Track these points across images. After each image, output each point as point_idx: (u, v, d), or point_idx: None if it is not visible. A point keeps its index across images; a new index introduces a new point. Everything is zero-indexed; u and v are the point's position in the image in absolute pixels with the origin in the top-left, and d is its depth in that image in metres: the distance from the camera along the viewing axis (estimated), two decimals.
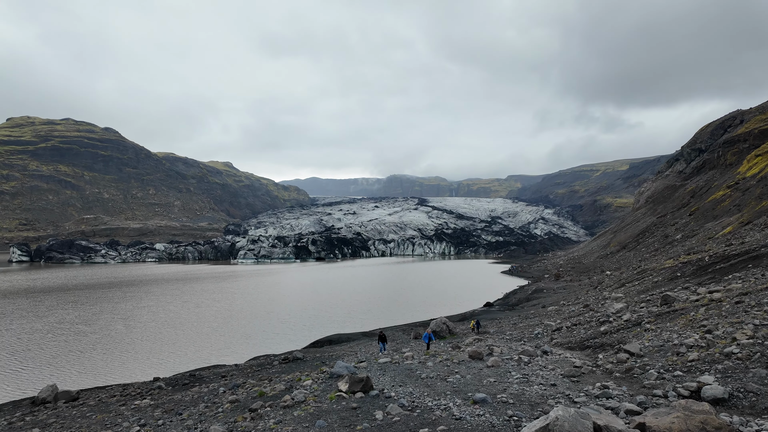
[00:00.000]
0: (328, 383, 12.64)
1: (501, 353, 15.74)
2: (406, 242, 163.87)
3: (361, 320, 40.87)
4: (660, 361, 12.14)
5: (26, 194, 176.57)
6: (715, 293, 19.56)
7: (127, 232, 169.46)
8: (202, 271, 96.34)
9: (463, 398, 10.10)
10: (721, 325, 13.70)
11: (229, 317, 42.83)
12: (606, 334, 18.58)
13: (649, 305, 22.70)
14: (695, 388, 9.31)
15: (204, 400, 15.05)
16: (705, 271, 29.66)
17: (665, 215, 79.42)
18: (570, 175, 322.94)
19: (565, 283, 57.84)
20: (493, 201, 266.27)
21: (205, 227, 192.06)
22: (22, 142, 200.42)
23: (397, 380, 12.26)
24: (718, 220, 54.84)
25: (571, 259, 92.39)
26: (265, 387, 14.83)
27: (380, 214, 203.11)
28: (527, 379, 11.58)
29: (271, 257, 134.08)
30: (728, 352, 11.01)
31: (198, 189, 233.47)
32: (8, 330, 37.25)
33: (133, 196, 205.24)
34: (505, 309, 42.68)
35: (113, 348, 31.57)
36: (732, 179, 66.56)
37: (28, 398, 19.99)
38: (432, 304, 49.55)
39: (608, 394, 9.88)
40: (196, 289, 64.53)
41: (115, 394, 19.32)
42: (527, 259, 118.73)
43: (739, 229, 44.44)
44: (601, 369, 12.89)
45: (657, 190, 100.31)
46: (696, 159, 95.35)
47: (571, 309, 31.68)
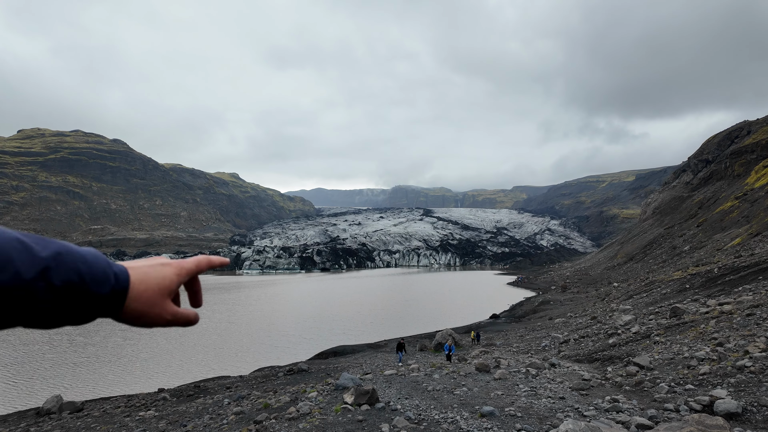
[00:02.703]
0: (334, 395, 12.52)
1: (508, 366, 15.57)
2: (412, 253, 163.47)
3: (366, 332, 40.64)
4: (671, 374, 11.94)
5: (35, 205, 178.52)
6: (726, 305, 19.29)
7: (134, 242, 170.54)
8: (206, 282, 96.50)
9: (471, 411, 9.96)
10: (733, 338, 13.49)
11: (234, 328, 42.74)
12: (614, 346, 18.34)
13: (658, 317, 22.41)
14: (708, 402, 9.13)
15: (209, 412, 14.95)
16: (714, 283, 29.30)
17: (673, 226, 78.80)
18: (576, 186, 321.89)
19: (572, 294, 57.33)
20: (498, 212, 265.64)
21: (211, 238, 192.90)
22: (32, 153, 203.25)
23: (403, 392, 12.13)
24: (727, 232, 54.31)
25: (578, 271, 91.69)
26: (270, 399, 14.72)
27: (385, 225, 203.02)
28: (535, 392, 11.42)
29: (276, 268, 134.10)
30: (741, 366, 10.81)
31: (204, 200, 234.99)
32: (12, 340, 37.36)
33: (140, 206, 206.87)
34: (512, 321, 42.31)
35: (118, 359, 31.54)
36: (740, 190, 66.05)
37: (33, 409, 19.96)
38: (437, 316, 49.21)
39: (618, 408, 9.71)
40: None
41: (119, 405, 19.25)
42: (533, 271, 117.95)
43: (748, 240, 43.96)
44: (610, 382, 12.70)
45: (664, 201, 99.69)
46: (703, 170, 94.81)
47: (579, 321, 31.35)
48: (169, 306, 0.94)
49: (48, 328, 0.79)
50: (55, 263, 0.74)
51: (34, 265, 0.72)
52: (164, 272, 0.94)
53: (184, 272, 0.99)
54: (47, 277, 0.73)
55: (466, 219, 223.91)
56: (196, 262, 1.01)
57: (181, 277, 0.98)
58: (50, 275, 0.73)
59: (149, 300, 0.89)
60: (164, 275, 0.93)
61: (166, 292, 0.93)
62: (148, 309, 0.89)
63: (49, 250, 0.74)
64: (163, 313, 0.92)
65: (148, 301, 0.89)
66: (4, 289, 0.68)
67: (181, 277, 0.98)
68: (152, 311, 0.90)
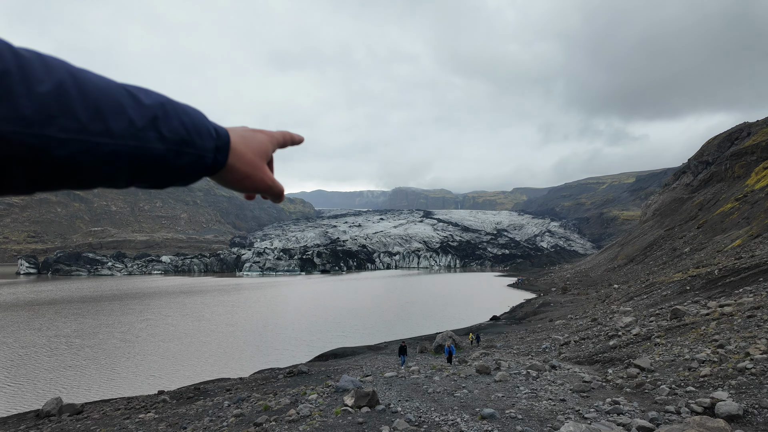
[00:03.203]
0: (334, 397, 12.50)
1: (509, 367, 15.53)
2: (412, 255, 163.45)
3: (366, 334, 40.59)
4: (671, 376, 11.92)
5: (35, 207, 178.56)
6: (726, 307, 19.26)
7: (134, 244, 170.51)
8: (207, 284, 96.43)
9: (471, 413, 9.94)
10: (734, 340, 13.46)
11: (234, 330, 42.70)
12: (615, 348, 18.31)
13: (658, 319, 22.38)
14: (709, 404, 9.10)
15: (208, 414, 14.92)
16: (715, 284, 29.28)
17: (673, 228, 78.78)
18: (576, 188, 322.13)
19: (572, 296, 57.29)
20: (498, 214, 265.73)
21: (211, 240, 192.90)
22: None
23: (403, 395, 12.10)
24: (727, 233, 54.30)
25: (578, 272, 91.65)
26: (270, 401, 14.69)
27: (385, 227, 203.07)
28: (536, 394, 11.40)
29: (276, 270, 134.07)
30: (742, 368, 10.79)
31: (205, 202, 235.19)
32: (12, 342, 37.33)
33: (140, 208, 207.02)
34: (512, 323, 42.27)
35: (118, 361, 31.51)
36: (740, 192, 66.06)
37: (33, 411, 19.92)
38: (437, 318, 49.17)
39: (619, 410, 9.68)
40: (201, 302, 64.53)
41: (119, 407, 19.21)
42: (534, 272, 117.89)
43: (749, 242, 43.95)
44: (611, 384, 12.67)
45: (664, 202, 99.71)
46: (703, 171, 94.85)
47: (579, 323, 31.32)
48: (268, 171, 0.89)
49: (154, 187, 0.77)
50: (162, 112, 0.70)
51: (144, 113, 0.67)
52: (260, 137, 0.89)
53: (275, 141, 0.94)
54: (157, 127, 0.69)
55: (466, 221, 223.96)
56: (282, 134, 0.98)
57: (274, 145, 0.93)
58: (159, 125, 0.69)
59: (251, 162, 0.84)
60: (261, 140, 0.88)
61: (264, 155, 0.88)
62: (251, 171, 0.84)
63: (152, 99, 0.70)
64: (265, 177, 0.87)
65: (250, 162, 0.84)
66: (119, 137, 0.63)
67: (274, 145, 0.94)
68: (255, 173, 0.85)
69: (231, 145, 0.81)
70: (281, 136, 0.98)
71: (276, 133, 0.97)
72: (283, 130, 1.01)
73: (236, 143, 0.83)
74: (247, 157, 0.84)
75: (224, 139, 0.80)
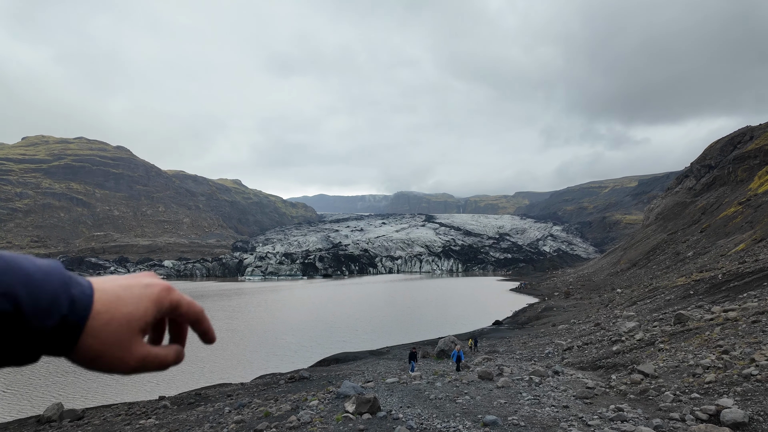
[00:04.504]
0: (335, 404, 12.42)
1: (511, 373, 15.43)
2: (414, 259, 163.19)
3: (368, 339, 40.44)
4: (676, 382, 11.80)
5: (39, 212, 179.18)
6: (730, 312, 19.11)
7: (137, 249, 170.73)
8: (209, 289, 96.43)
9: (473, 420, 9.84)
10: (738, 345, 13.33)
11: (235, 335, 42.62)
12: (618, 353, 18.17)
13: (662, 324, 22.22)
14: (714, 412, 9.00)
15: (209, 420, 14.85)
16: (719, 289, 29.08)
17: (676, 232, 78.47)
18: (578, 192, 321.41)
19: (575, 301, 57.02)
20: (500, 218, 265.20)
21: (214, 244, 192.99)
22: (36, 160, 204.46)
23: (405, 401, 12.01)
24: (730, 237, 54.03)
25: (581, 277, 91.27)
26: (271, 407, 14.61)
27: (387, 231, 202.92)
28: (539, 401, 11.29)
29: (278, 274, 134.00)
30: (747, 374, 10.67)
31: (207, 206, 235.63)
32: None
33: (143, 213, 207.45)
34: (515, 327, 42.06)
35: None
36: (743, 196, 65.79)
37: (34, 416, 19.87)
38: (440, 323, 48.97)
39: (623, 417, 9.58)
40: (203, 307, 64.41)
41: (120, 413, 19.15)
42: (536, 277, 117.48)
43: (752, 246, 43.69)
44: (614, 390, 12.55)
45: (667, 206, 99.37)
46: (706, 175, 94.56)
47: (582, 328, 31.13)
48: (138, 347, 0.67)
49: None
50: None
51: None
52: (141, 297, 0.68)
53: (167, 301, 0.72)
54: None
55: (468, 225, 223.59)
56: (178, 299, 0.76)
57: (161, 305, 0.71)
58: None
59: (111, 336, 0.64)
60: (139, 302, 0.68)
61: (137, 326, 0.67)
62: (106, 349, 0.63)
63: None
64: (127, 357, 0.65)
65: (109, 337, 0.63)
66: None
67: (162, 306, 0.72)
68: (111, 353, 0.64)
69: (90, 316, 0.62)
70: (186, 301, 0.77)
71: (173, 294, 0.74)
72: (188, 297, 0.79)
73: (99, 312, 0.63)
74: (107, 331, 0.63)
75: (80, 313, 0.61)
